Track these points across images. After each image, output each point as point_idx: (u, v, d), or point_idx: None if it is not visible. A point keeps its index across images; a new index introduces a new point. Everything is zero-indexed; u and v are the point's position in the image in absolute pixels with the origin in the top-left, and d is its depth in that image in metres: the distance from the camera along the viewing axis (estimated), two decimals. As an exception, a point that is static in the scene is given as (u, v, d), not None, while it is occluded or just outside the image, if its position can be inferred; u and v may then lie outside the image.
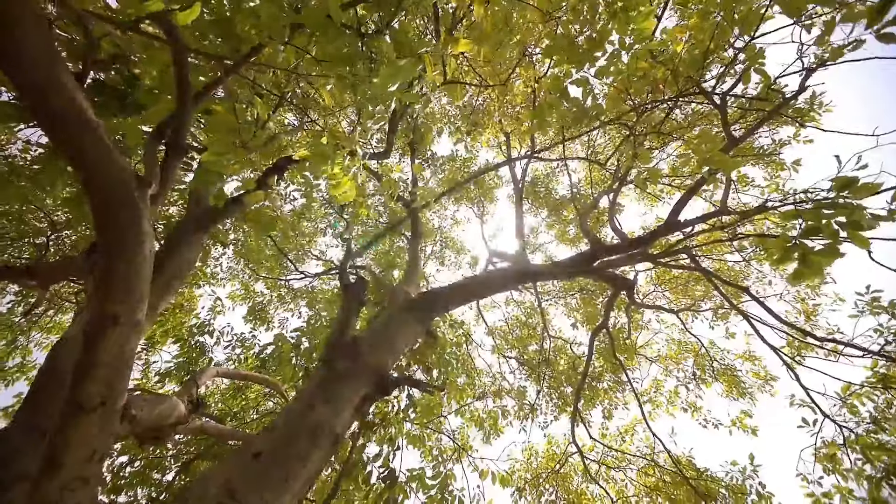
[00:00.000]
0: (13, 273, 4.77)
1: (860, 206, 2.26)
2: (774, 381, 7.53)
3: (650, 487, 7.61)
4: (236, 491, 1.69)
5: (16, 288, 7.61)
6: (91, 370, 1.48)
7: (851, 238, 2.22)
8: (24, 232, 6.77)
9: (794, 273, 2.25)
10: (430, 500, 5.10)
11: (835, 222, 2.27)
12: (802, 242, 2.25)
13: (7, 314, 7.40)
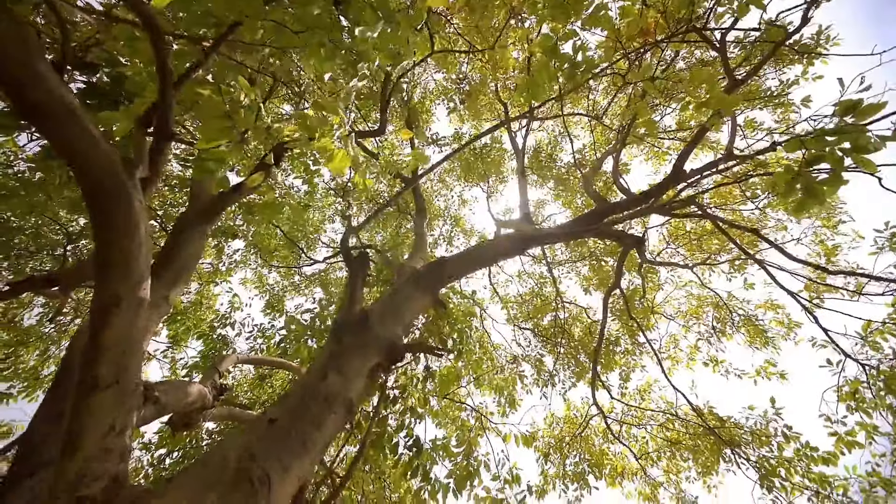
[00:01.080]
0: (35, 283, 4.93)
1: (865, 129, 2.18)
2: (798, 327, 7.43)
3: (671, 441, 7.67)
4: (255, 455, 1.76)
5: (42, 300, 7.88)
6: (100, 351, 1.54)
7: (857, 163, 2.14)
8: (42, 245, 6.96)
9: (797, 204, 2.19)
10: (457, 466, 5.23)
11: (839, 149, 2.20)
12: (806, 172, 2.18)
13: (37, 326, 7.68)
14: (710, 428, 6.19)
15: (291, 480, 1.85)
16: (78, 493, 1.39)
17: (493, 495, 4.99)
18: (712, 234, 7.96)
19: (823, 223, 7.52)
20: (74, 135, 1.45)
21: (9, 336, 7.50)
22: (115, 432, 1.56)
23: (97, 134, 1.49)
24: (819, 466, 5.33)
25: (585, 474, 7.85)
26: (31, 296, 7.74)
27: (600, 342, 6.55)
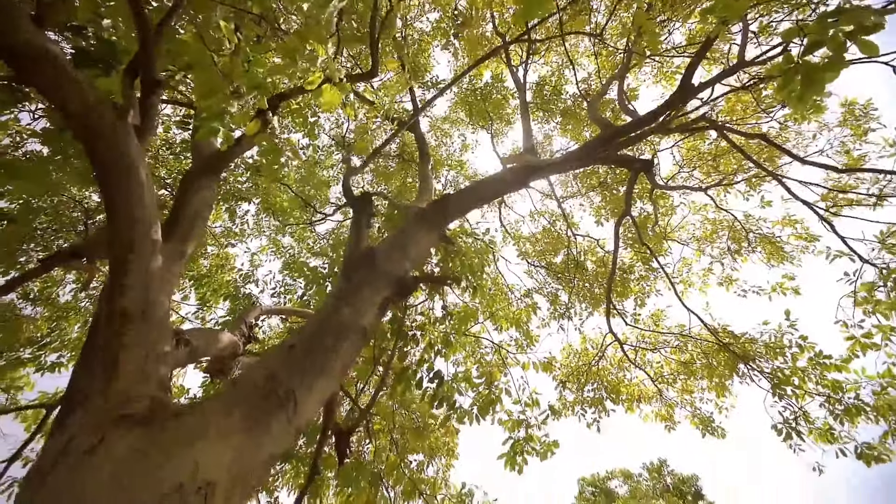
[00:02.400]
0: (62, 256, 5.16)
1: (867, 9, 2.04)
2: (816, 240, 7.31)
3: (686, 363, 7.88)
4: (278, 376, 1.91)
5: (72, 277, 8.26)
6: (122, 289, 1.66)
7: (859, 46, 2.02)
8: (64, 223, 7.19)
9: (797, 95, 2.10)
10: (479, 395, 5.53)
11: (840, 31, 2.07)
12: (805, 60, 2.08)
13: (73, 300, 8.10)
14: (723, 344, 6.32)
15: (315, 398, 2.01)
16: (121, 412, 1.55)
17: (515, 417, 5.30)
18: (728, 153, 7.71)
19: (853, 130, 7.13)
20: (56, 78, 1.48)
21: (49, 312, 7.95)
22: (151, 360, 1.71)
23: (79, 77, 1.52)
24: (832, 373, 5.45)
25: (603, 400, 8.19)
26: (63, 273, 8.12)
27: (613, 271, 6.59)
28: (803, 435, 5.72)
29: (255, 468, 1.63)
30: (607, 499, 14.36)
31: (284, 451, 1.83)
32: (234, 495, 1.53)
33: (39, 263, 5.53)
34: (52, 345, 7.46)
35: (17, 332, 7.14)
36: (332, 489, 7.00)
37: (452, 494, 6.33)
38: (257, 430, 1.70)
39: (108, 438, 1.46)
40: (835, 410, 5.35)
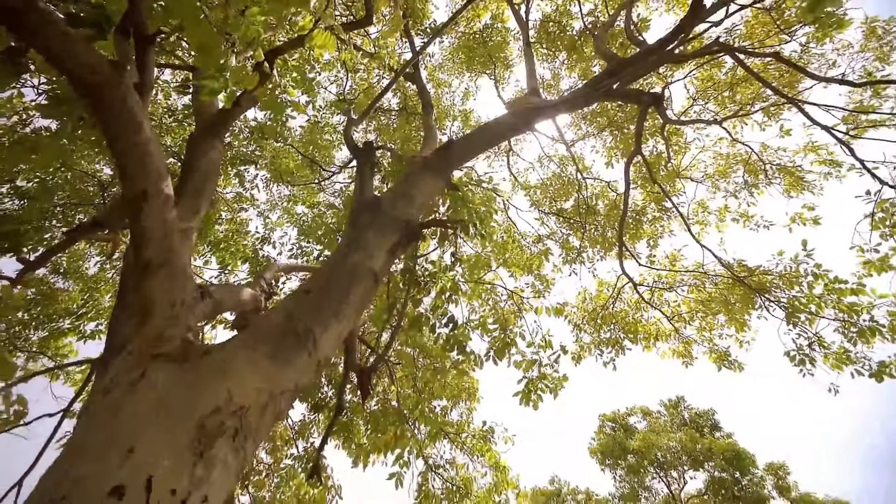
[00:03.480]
0: (85, 228, 5.34)
1: None
2: (838, 167, 7.06)
3: (703, 301, 7.92)
4: (296, 317, 2.03)
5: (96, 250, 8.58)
6: (143, 239, 1.75)
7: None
8: (81, 199, 7.37)
9: (810, 3, 2.00)
10: (494, 340, 5.72)
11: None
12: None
13: (100, 272, 8.46)
14: (738, 278, 6.32)
15: (332, 336, 2.13)
16: (157, 351, 1.69)
17: (529, 358, 5.49)
18: (744, 81, 7.34)
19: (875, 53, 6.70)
20: (59, 39, 1.51)
21: (80, 285, 8.34)
22: (178, 306, 1.83)
23: (74, 35, 1.54)
24: (848, 297, 5.45)
25: (620, 340, 8.36)
26: (87, 246, 8.43)
27: (624, 212, 6.54)
28: (817, 360, 5.81)
29: (281, 395, 1.78)
30: (626, 433, 15.00)
31: (307, 383, 1.98)
32: (266, 417, 1.69)
33: (65, 237, 5.75)
34: (89, 314, 7.89)
35: (55, 304, 7.55)
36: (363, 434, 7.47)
37: (475, 431, 6.71)
38: (281, 363, 1.84)
39: (149, 373, 1.61)
40: (850, 333, 5.39)
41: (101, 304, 8.24)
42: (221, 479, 1.44)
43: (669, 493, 13.81)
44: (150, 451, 1.33)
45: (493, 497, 6.17)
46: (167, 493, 1.26)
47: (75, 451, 1.36)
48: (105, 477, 1.23)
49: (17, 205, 7.19)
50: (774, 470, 14.11)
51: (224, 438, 1.49)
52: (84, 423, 1.53)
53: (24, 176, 7.16)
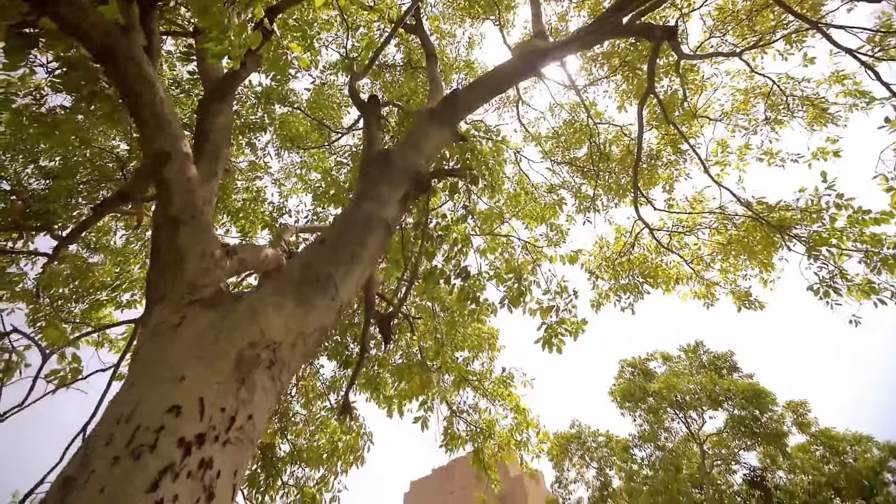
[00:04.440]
0: (110, 203, 5.54)
1: None
2: (864, 96, 6.71)
3: (723, 243, 7.83)
4: (315, 265, 2.16)
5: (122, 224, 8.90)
6: (168, 197, 1.87)
7: None
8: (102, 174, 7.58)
9: None
10: (510, 289, 5.85)
11: None
12: None
13: (127, 245, 8.81)
14: (757, 216, 6.22)
15: (350, 282, 2.27)
16: (192, 298, 1.85)
17: (546, 305, 5.62)
18: (764, 8, 6.89)
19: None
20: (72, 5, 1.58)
21: (111, 259, 8.73)
22: (207, 258, 1.98)
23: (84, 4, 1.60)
24: (871, 228, 5.34)
25: (639, 285, 8.40)
26: (112, 221, 8.75)
27: (638, 156, 6.42)
28: (841, 291, 5.78)
29: (309, 334, 1.93)
30: (646, 377, 15.34)
31: (331, 325, 2.13)
32: (296, 353, 1.86)
33: (92, 212, 5.99)
34: (123, 286, 8.31)
35: (91, 278, 7.96)
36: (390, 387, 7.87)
37: (496, 378, 6.99)
38: (306, 307, 1.98)
39: (188, 316, 1.77)
40: (873, 263, 5.33)
41: (132, 276, 8.65)
42: (262, 402, 1.62)
43: (689, 433, 14.25)
44: (198, 378, 1.50)
45: (515, 436, 6.51)
46: (217, 411, 1.44)
47: (134, 382, 1.54)
48: (163, 398, 1.40)
49: (44, 185, 7.46)
50: (794, 407, 14.34)
51: (261, 368, 1.66)
52: (137, 361, 1.72)
53: (46, 155, 7.37)
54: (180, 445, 1.30)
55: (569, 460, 13.98)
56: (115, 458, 1.23)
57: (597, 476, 13.75)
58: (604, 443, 13.85)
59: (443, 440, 6.97)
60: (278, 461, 7.08)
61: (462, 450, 7.25)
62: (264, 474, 6.96)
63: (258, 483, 6.99)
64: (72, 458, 1.35)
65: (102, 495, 1.14)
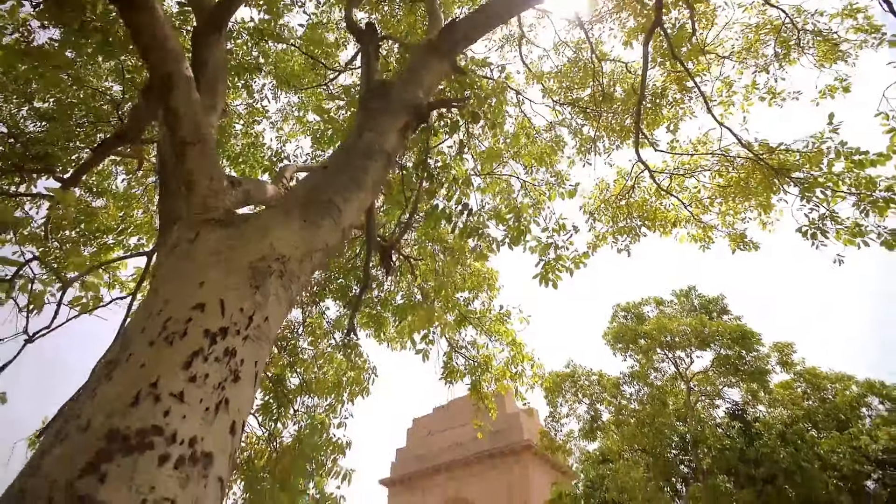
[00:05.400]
0: (110, 143, 5.54)
1: None
2: (877, 31, 6.47)
3: (723, 186, 7.85)
4: (319, 189, 2.27)
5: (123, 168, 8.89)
6: (175, 117, 1.94)
7: None
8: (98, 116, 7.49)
9: None
10: (510, 228, 5.97)
11: None
12: None
13: (128, 189, 8.86)
14: (758, 157, 6.21)
15: (353, 206, 2.38)
16: (203, 217, 1.97)
17: (545, 242, 5.77)
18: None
19: None
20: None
21: (114, 203, 8.81)
22: (216, 181, 2.07)
23: None
24: (868, 170, 5.36)
25: (637, 228, 8.51)
26: (112, 166, 8.74)
27: (642, 93, 6.32)
28: (829, 234, 5.89)
29: (315, 251, 2.07)
30: (639, 321, 15.89)
31: (336, 245, 2.27)
32: (304, 267, 2.01)
33: (93, 153, 6.00)
34: (129, 230, 8.45)
35: (96, 221, 8.08)
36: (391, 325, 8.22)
37: (494, 315, 7.30)
38: (311, 227, 2.11)
39: (202, 233, 1.90)
40: (864, 206, 5.40)
41: (136, 220, 8.77)
42: (276, 307, 1.78)
43: (677, 371, 14.97)
44: (217, 283, 1.65)
45: (511, 369, 6.91)
46: (237, 310, 1.60)
47: (159, 287, 1.69)
48: (188, 298, 1.56)
49: (40, 127, 7.41)
50: (780, 348, 14.96)
51: (273, 278, 1.81)
52: (159, 274, 1.87)
53: (40, 97, 7.26)
54: (206, 336, 1.47)
55: (562, 397, 14.80)
56: (151, 342, 1.40)
57: (587, 410, 14.64)
58: (596, 381, 14.60)
59: (442, 373, 7.40)
60: (289, 392, 7.56)
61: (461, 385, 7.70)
62: (276, 404, 7.45)
63: (271, 412, 7.51)
64: (110, 347, 1.52)
65: (143, 369, 1.31)
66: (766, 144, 6.40)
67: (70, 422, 1.22)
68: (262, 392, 7.64)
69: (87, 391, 1.32)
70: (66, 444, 1.14)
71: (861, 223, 5.63)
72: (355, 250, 7.83)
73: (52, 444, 1.17)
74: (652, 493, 11.53)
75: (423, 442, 34.64)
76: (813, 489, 10.94)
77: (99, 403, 1.23)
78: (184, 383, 1.32)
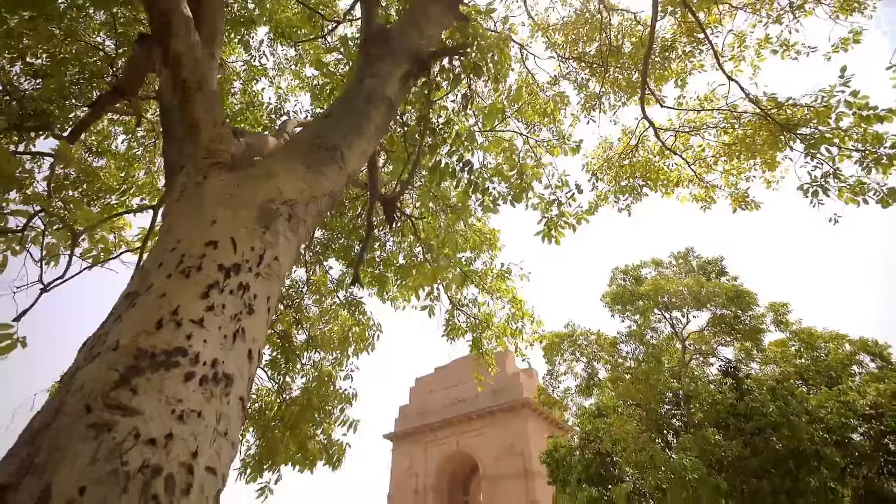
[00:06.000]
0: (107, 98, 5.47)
1: None
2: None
3: (729, 144, 7.75)
4: (322, 136, 2.28)
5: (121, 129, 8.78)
6: (177, 62, 1.93)
7: None
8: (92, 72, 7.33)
9: None
10: (512, 186, 5.97)
11: None
12: None
13: (128, 149, 8.79)
14: (765, 112, 6.10)
15: (356, 153, 2.40)
16: (210, 161, 2.00)
17: (547, 199, 5.78)
18: None
19: None
20: None
21: (114, 163, 8.76)
22: (220, 125, 2.09)
23: None
24: (875, 126, 5.28)
25: (639, 187, 8.48)
26: (111, 126, 8.63)
27: (650, 45, 6.14)
28: (831, 192, 5.87)
29: (320, 196, 2.11)
30: (636, 283, 16.07)
31: (340, 191, 2.30)
32: (310, 212, 2.05)
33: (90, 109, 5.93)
34: (131, 190, 8.46)
35: (98, 182, 8.07)
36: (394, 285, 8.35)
37: (495, 273, 7.41)
38: (316, 172, 2.14)
39: (210, 176, 1.94)
40: (868, 163, 5.36)
41: (138, 181, 8.76)
42: (285, 248, 1.84)
43: (673, 332, 15.29)
44: (227, 222, 1.71)
45: (511, 325, 7.08)
46: (248, 248, 1.66)
47: (171, 227, 1.75)
48: (200, 235, 1.62)
49: (35, 85, 7.28)
50: (775, 308, 15.21)
51: (281, 220, 1.86)
52: (170, 214, 1.92)
53: (33, 51, 7.09)
54: (220, 270, 1.54)
55: (560, 356, 15.21)
56: (169, 275, 1.47)
57: (585, 368, 15.08)
58: (594, 340, 14.95)
59: (445, 330, 7.60)
60: (296, 348, 7.80)
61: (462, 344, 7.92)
62: (284, 359, 7.71)
63: (279, 367, 7.78)
64: (129, 282, 1.60)
65: (164, 299, 1.39)
66: (775, 99, 6.27)
67: (98, 344, 1.30)
68: (269, 348, 7.90)
69: (112, 318, 1.40)
70: (97, 361, 1.22)
71: (864, 181, 5.60)
72: (356, 210, 7.86)
73: (84, 361, 1.26)
74: (644, 443, 12.09)
75: (426, 400, 35.92)
76: (799, 441, 11.43)
77: (125, 327, 1.31)
78: (203, 312, 1.40)
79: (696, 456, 11.64)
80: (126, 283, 1.66)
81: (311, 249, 7.72)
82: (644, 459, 12.04)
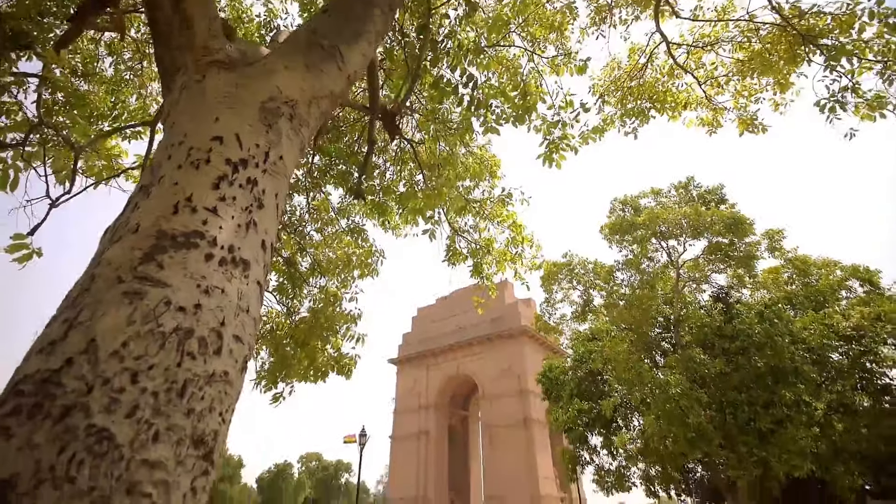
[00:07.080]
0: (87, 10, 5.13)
1: None
2: None
3: (743, 61, 7.37)
4: (320, 33, 2.19)
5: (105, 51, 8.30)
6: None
7: None
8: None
9: None
10: (514, 106, 5.79)
11: None
12: None
13: (116, 73, 8.39)
14: (787, 21, 5.74)
15: (357, 54, 2.32)
16: (207, 60, 1.94)
17: (551, 121, 5.63)
18: None
19: None
20: None
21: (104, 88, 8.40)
22: (214, 22, 2.00)
23: None
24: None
25: (646, 110, 8.20)
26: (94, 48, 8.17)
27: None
28: (847, 107, 5.69)
29: (322, 96, 2.08)
30: (635, 212, 16.06)
31: (340, 93, 2.26)
32: (312, 112, 2.04)
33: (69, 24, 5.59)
34: (123, 116, 8.20)
35: (88, 107, 7.80)
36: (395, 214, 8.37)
37: (495, 198, 7.41)
38: (316, 72, 2.09)
39: (208, 76, 1.90)
40: (889, 74, 5.15)
41: (129, 106, 8.47)
42: (289, 148, 1.86)
43: (669, 260, 15.55)
44: (231, 120, 1.71)
45: (511, 249, 7.22)
46: (253, 145, 1.68)
47: (175, 122, 1.74)
48: (206, 131, 1.63)
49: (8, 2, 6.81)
50: (770, 234, 15.32)
51: (283, 119, 1.85)
52: (172, 112, 1.90)
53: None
54: (229, 164, 1.57)
55: (557, 284, 15.61)
56: (179, 166, 1.50)
57: (581, 296, 15.56)
58: (591, 269, 15.26)
59: (446, 255, 7.75)
60: (301, 274, 8.02)
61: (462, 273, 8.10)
62: (291, 284, 7.96)
63: (287, 292, 8.05)
64: (141, 177, 1.64)
65: (176, 186, 1.43)
66: (798, 7, 5.88)
67: (120, 229, 1.37)
68: (276, 274, 8.13)
69: (130, 207, 1.46)
70: (122, 241, 1.30)
71: (882, 94, 5.42)
72: (354, 136, 7.69)
73: (109, 243, 1.33)
74: (633, 363, 12.82)
75: (428, 328, 37.50)
76: (780, 359, 12.10)
77: (143, 212, 1.37)
78: (216, 201, 1.45)
79: (680, 373, 12.39)
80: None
81: (311, 174, 7.66)
82: (632, 377, 12.83)
